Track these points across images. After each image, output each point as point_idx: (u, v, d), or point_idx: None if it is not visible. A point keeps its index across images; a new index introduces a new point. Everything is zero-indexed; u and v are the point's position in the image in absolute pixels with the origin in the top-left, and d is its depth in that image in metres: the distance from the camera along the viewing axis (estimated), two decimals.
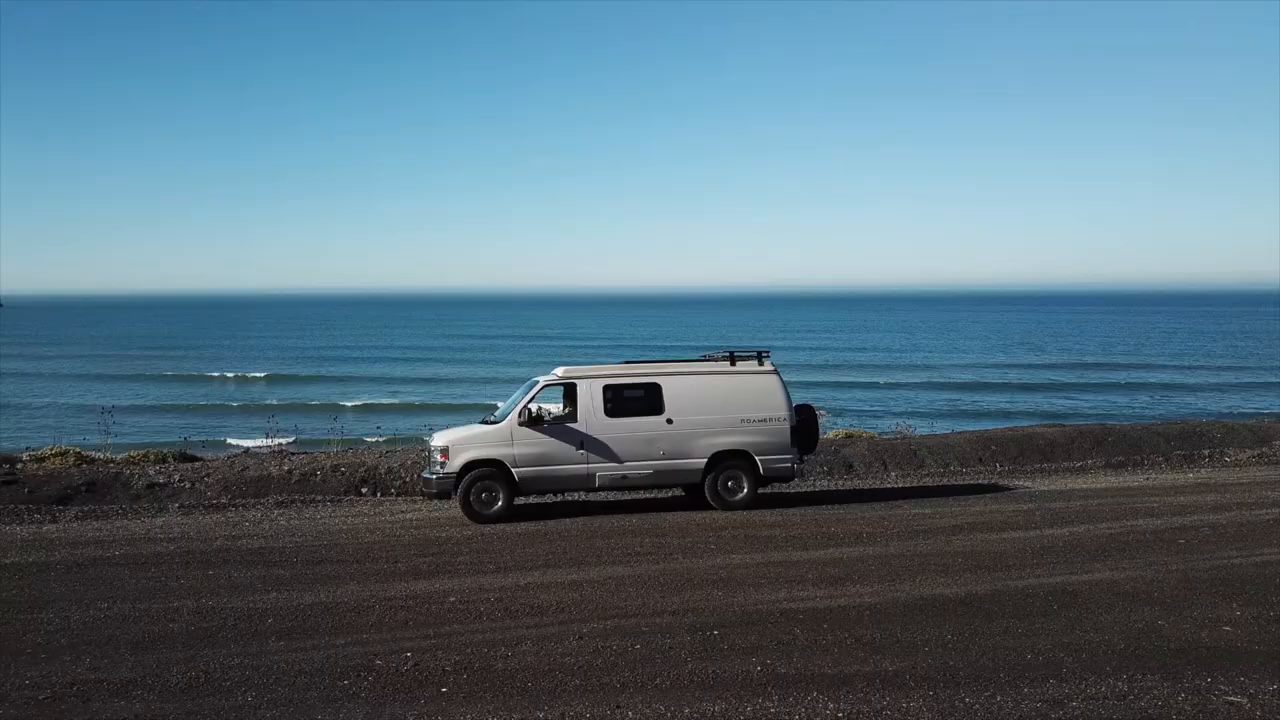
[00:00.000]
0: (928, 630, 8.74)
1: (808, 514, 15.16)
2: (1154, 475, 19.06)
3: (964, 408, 48.31)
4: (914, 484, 18.42)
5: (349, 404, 50.95)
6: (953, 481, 18.60)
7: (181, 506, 16.79)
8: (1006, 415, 43.66)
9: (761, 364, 15.70)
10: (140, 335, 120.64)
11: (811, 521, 14.38)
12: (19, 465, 21.25)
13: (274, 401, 52.27)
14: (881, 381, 61.99)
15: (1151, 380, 60.22)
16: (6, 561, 12.74)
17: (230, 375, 66.77)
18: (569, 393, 15.33)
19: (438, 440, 15.23)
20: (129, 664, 8.29)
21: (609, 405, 15.12)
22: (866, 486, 18.23)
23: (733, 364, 15.63)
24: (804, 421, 15.85)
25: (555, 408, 15.69)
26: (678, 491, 16.59)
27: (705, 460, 15.22)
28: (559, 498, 16.84)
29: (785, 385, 15.66)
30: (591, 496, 16.81)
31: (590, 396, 15.09)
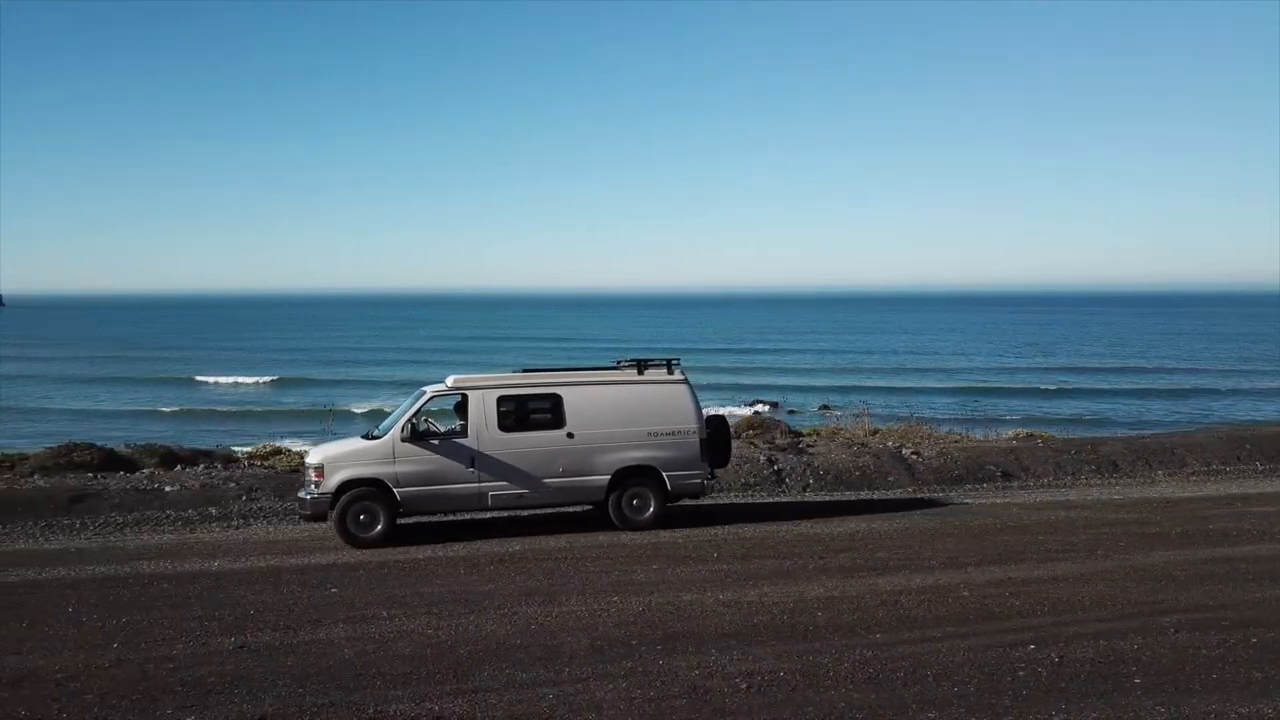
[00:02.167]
0: None
1: (1169, 510, 15.32)
2: None
3: (985, 412, 46.16)
4: (1190, 484, 18.67)
5: (359, 409, 48.67)
6: (1222, 480, 18.84)
7: None
8: (1034, 421, 43.17)
9: (671, 373, 14.81)
10: (143, 336, 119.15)
11: (1175, 519, 14.57)
12: (234, 464, 21.40)
13: (294, 405, 51.48)
14: (899, 385, 60.47)
15: (1162, 384, 58.95)
16: (421, 557, 12.91)
17: (239, 380, 64.96)
18: (460, 404, 14.23)
19: (312, 458, 14.09)
20: (753, 656, 8.38)
21: (504, 418, 14.05)
22: (1137, 485, 18.46)
23: (640, 373, 14.76)
24: (715, 434, 15.01)
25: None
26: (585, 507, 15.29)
27: (609, 477, 14.23)
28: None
29: (695, 395, 14.81)
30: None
31: (483, 408, 14.00)
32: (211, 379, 65.14)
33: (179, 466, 20.13)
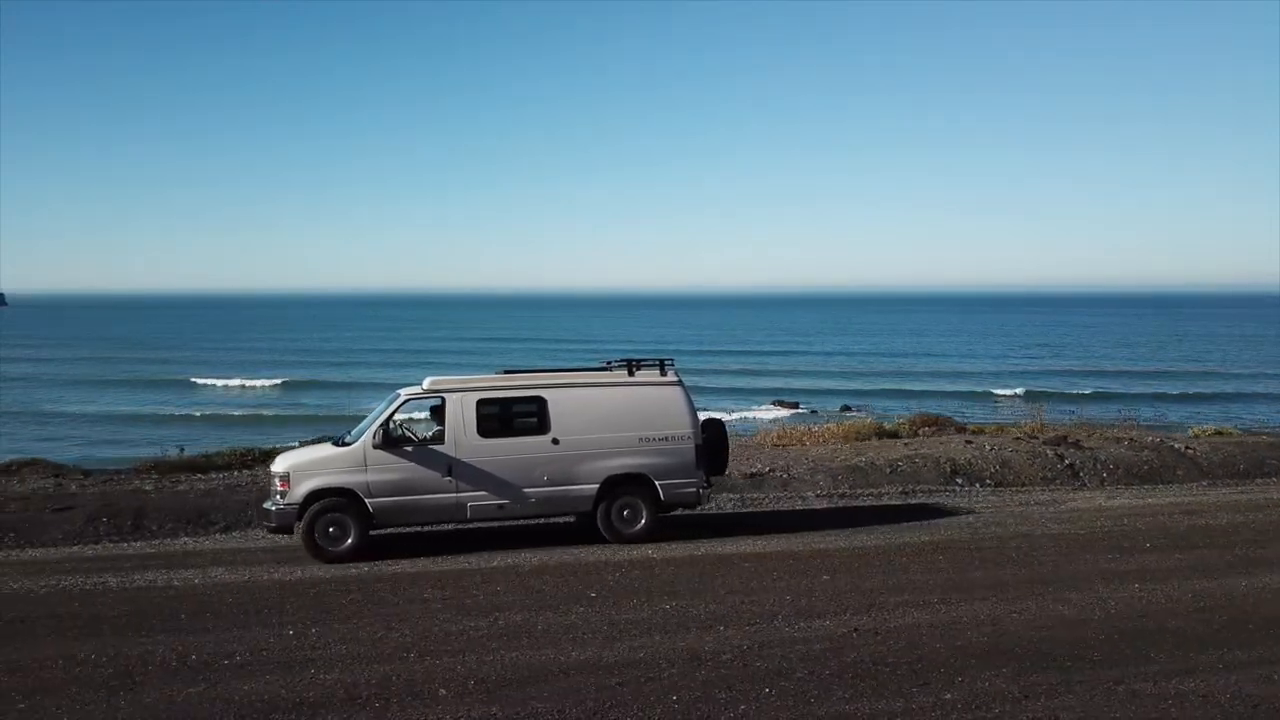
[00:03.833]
0: None
1: None
2: None
3: (1016, 416, 45.44)
4: None
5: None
6: None
7: (819, 495, 16.94)
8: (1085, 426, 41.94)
9: (664, 374, 13.84)
10: (148, 337, 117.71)
11: None
12: None
13: (307, 409, 50.99)
14: (916, 388, 59.03)
15: (1175, 387, 58.08)
16: (709, 552, 12.84)
17: (247, 383, 63.86)
18: (437, 408, 13.28)
19: (277, 465, 13.05)
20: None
21: (484, 423, 13.06)
22: None
23: (631, 374, 13.82)
24: (712, 439, 14.05)
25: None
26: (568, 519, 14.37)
27: (597, 486, 13.25)
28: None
29: (690, 398, 13.83)
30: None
31: (460, 412, 13.01)
32: (220, 382, 64.39)
33: None
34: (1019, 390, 56.82)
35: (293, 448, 15.17)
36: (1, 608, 10.37)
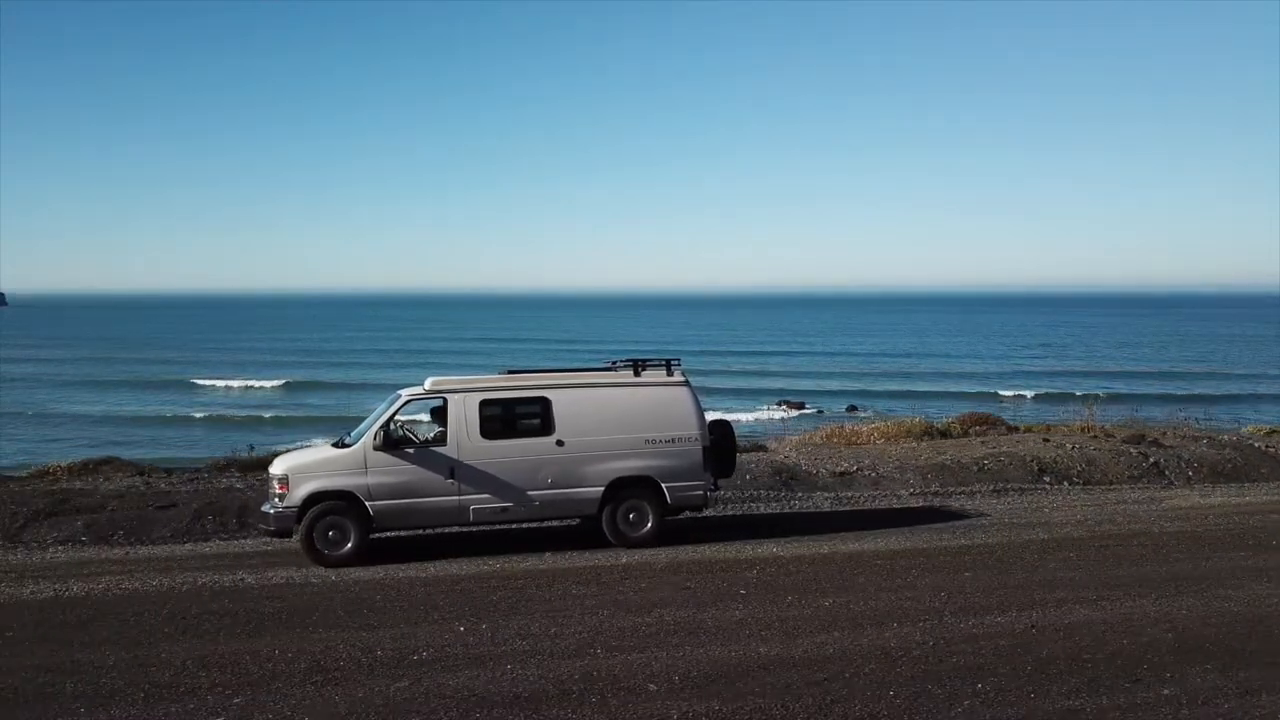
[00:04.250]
0: None
1: None
2: None
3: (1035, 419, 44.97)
4: None
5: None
6: None
7: (913, 493, 16.96)
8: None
9: (670, 374, 13.61)
10: (149, 337, 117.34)
11: None
12: None
13: (312, 410, 50.94)
14: (921, 389, 58.26)
15: (1184, 389, 57.17)
16: (836, 550, 12.88)
17: (250, 384, 63.69)
18: (439, 409, 13.03)
19: (276, 468, 12.85)
20: None
21: (486, 424, 12.84)
22: None
23: (637, 374, 13.59)
24: (719, 441, 13.83)
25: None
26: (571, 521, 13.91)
27: (602, 489, 13.03)
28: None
29: (698, 399, 13.61)
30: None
31: (463, 413, 12.78)
32: (221, 383, 64.32)
33: None
34: (1026, 392, 56.72)
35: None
36: (154, 604, 10.35)
